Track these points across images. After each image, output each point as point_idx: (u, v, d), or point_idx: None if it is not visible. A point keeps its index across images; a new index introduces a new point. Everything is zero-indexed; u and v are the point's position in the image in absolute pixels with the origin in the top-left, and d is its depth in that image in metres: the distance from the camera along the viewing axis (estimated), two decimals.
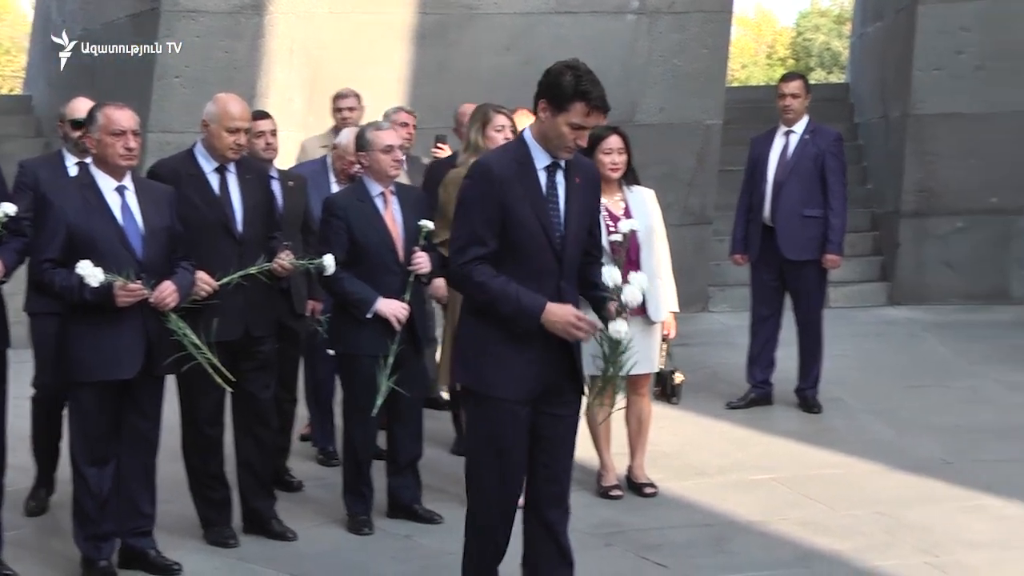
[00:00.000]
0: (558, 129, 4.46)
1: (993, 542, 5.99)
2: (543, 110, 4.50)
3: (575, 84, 4.42)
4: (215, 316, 5.63)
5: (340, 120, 8.06)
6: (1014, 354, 9.63)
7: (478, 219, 4.45)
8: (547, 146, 4.52)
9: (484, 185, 4.46)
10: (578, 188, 4.59)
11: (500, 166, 4.48)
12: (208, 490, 6.00)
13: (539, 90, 4.53)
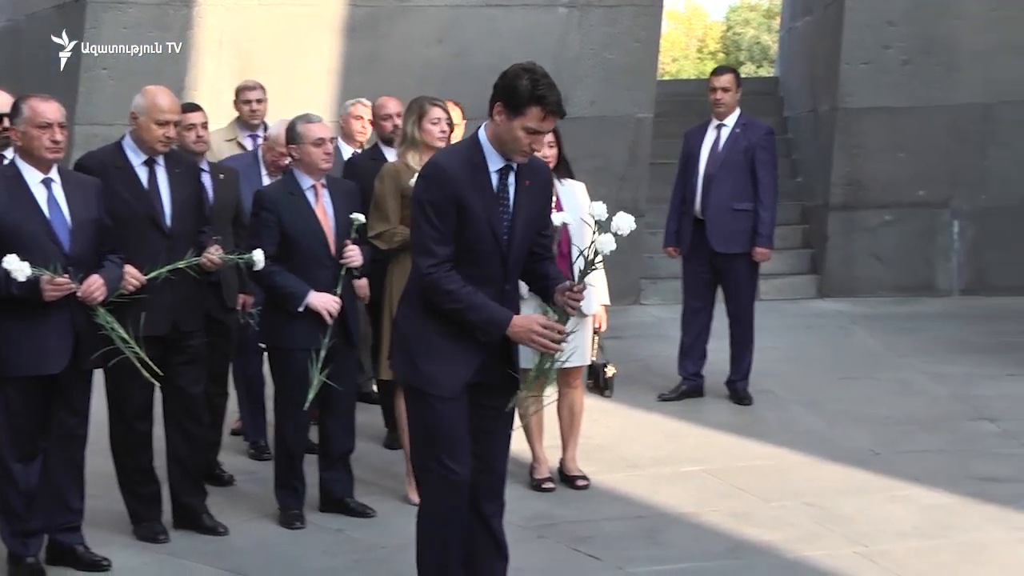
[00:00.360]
0: (513, 133, 4.43)
1: (919, 532, 6.07)
2: (498, 113, 4.45)
3: (532, 88, 4.38)
4: (143, 310, 5.58)
5: (249, 112, 8.03)
6: (941, 346, 9.76)
7: (439, 222, 4.44)
8: (501, 149, 4.49)
9: (440, 187, 4.43)
10: (528, 191, 4.58)
11: (453, 167, 4.46)
12: (137, 485, 5.95)
13: (495, 92, 4.49)
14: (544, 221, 4.73)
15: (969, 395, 8.41)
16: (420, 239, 4.48)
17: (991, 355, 9.44)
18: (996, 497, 6.50)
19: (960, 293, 11.55)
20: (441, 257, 4.44)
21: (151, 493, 5.97)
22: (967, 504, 6.43)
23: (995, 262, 11.54)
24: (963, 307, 11.13)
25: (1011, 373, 8.94)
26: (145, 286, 5.63)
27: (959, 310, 11.02)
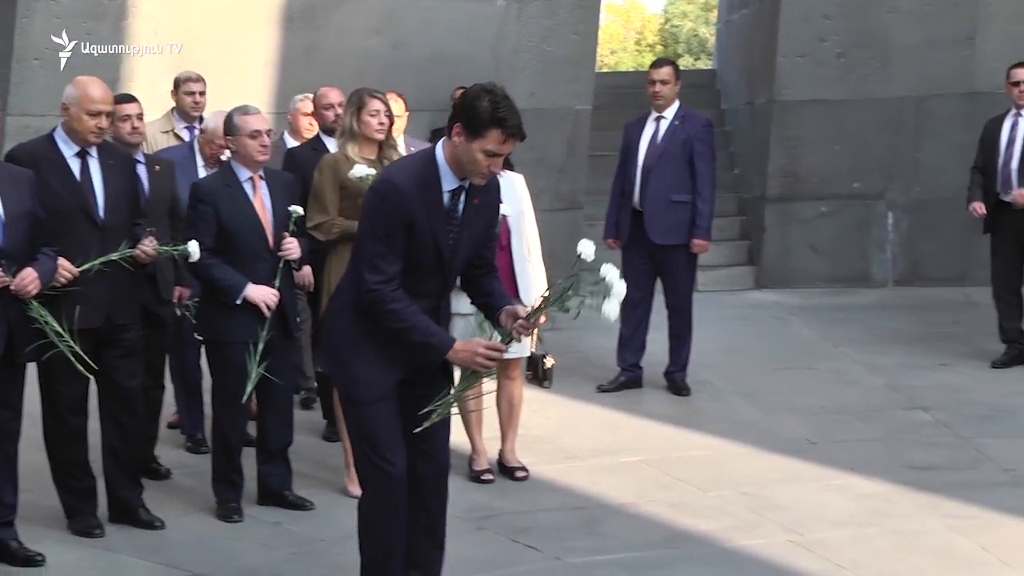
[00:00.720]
0: (472, 155, 4.38)
1: (855, 520, 6.14)
2: (457, 134, 4.40)
3: (492, 110, 4.32)
4: (77, 303, 5.53)
5: (192, 104, 7.96)
6: (875, 336, 9.86)
7: (387, 239, 4.40)
8: (458, 170, 4.45)
9: (392, 205, 4.39)
10: (475, 209, 4.56)
11: (407, 185, 4.41)
12: (72, 479, 5.89)
13: (454, 112, 4.44)
14: (489, 234, 4.71)
15: (903, 385, 8.50)
16: (368, 255, 4.43)
17: (925, 345, 9.55)
18: (929, 485, 6.58)
19: (895, 284, 11.67)
20: (388, 275, 4.41)
21: (86, 487, 5.91)
22: (901, 492, 6.50)
23: (929, 253, 11.67)
24: (897, 298, 11.25)
25: (944, 363, 9.05)
26: (78, 278, 5.58)
27: (894, 301, 11.14)
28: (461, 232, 4.52)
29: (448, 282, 4.61)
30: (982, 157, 8.98)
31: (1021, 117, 8.85)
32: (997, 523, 6.08)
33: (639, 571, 5.54)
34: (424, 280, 4.51)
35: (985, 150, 8.98)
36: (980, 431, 7.51)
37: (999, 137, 8.87)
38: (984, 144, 9.01)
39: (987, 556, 5.68)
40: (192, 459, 7.02)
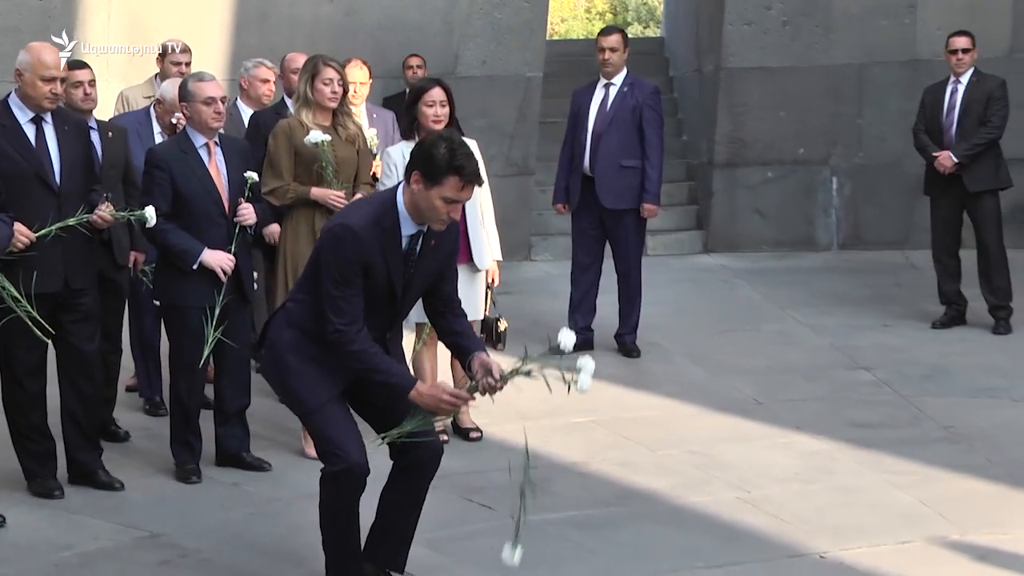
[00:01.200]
0: (431, 202, 4.41)
1: (799, 477, 6.21)
2: (416, 181, 4.42)
3: (449, 158, 4.37)
4: (34, 268, 5.49)
5: (177, 74, 7.85)
6: (820, 298, 9.94)
7: (346, 281, 4.41)
8: (417, 216, 4.48)
9: (347, 246, 4.39)
10: (432, 249, 4.60)
11: (363, 228, 4.40)
12: (30, 443, 5.86)
13: (411, 160, 4.46)
14: (445, 272, 4.73)
15: (846, 345, 8.58)
16: (330, 296, 4.44)
17: (867, 307, 9.64)
18: (871, 442, 6.67)
19: (838, 248, 11.74)
20: (351, 316, 4.43)
21: (45, 450, 5.89)
22: (844, 450, 6.58)
23: (871, 218, 11.74)
24: (841, 261, 11.32)
25: (886, 324, 9.14)
26: (35, 244, 5.53)
27: (837, 264, 11.21)
28: (415, 272, 4.57)
29: (398, 318, 4.68)
30: (923, 122, 9.05)
31: (960, 84, 8.92)
32: (935, 478, 6.17)
33: (590, 529, 5.59)
34: (375, 314, 4.54)
35: (926, 116, 9.04)
36: (920, 390, 7.60)
37: (940, 103, 8.93)
38: (924, 109, 9.07)
39: (925, 510, 5.77)
40: (150, 422, 7.00)
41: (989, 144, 8.77)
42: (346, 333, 4.43)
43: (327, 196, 6.40)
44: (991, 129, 8.77)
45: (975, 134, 8.76)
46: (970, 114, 8.81)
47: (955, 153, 8.72)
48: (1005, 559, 5.25)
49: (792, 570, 5.17)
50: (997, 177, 8.87)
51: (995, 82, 8.91)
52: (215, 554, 5.27)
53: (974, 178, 8.78)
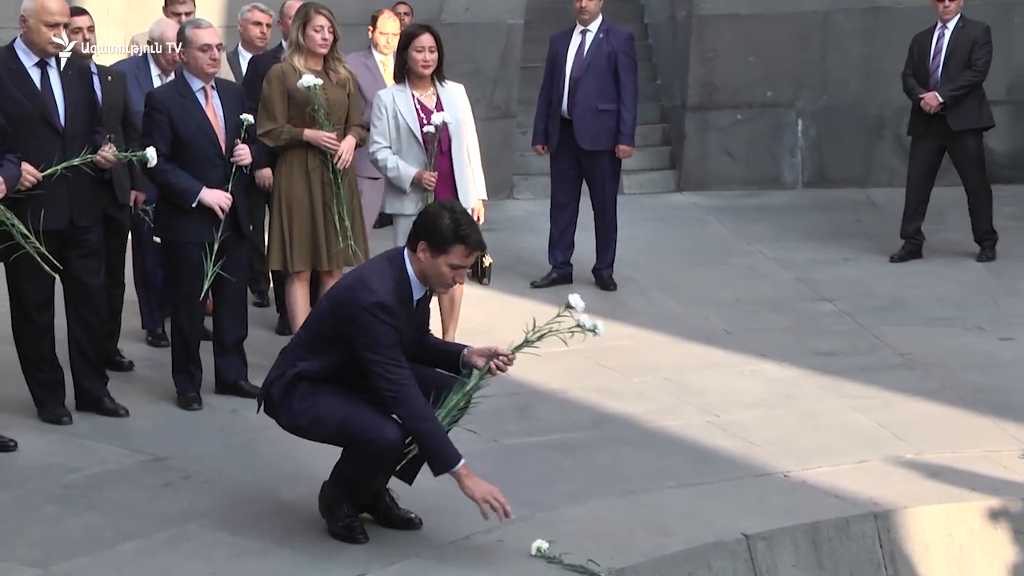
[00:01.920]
0: (438, 269, 4.48)
1: (765, 402, 6.24)
2: (423, 251, 4.47)
3: (455, 228, 4.43)
4: (41, 206, 5.47)
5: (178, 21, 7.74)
6: (785, 234, 9.93)
7: (392, 347, 4.41)
8: (426, 282, 4.55)
9: (391, 321, 4.40)
10: (424, 300, 4.65)
11: (396, 305, 4.44)
12: (40, 372, 5.85)
13: (417, 231, 4.51)
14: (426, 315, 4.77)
15: (810, 278, 8.60)
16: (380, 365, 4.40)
17: (830, 242, 9.64)
18: (832, 369, 6.70)
19: (803, 186, 11.71)
20: (403, 375, 4.43)
21: (54, 379, 5.88)
22: (807, 376, 6.62)
23: (834, 157, 11.71)
24: (805, 199, 11.30)
25: (847, 258, 9.15)
26: (41, 183, 5.50)
27: (802, 202, 11.20)
28: (420, 323, 4.65)
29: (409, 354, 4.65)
30: (911, 66, 9.06)
31: (947, 30, 8.92)
32: (892, 402, 6.22)
33: (568, 451, 5.62)
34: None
35: (914, 60, 9.05)
36: (878, 320, 7.63)
37: (928, 48, 8.94)
38: (912, 54, 9.09)
39: (883, 432, 5.81)
40: (153, 352, 6.98)
41: (973, 87, 8.81)
42: (411, 397, 4.42)
43: (319, 137, 6.37)
44: (975, 73, 8.79)
45: (960, 77, 8.77)
46: (955, 58, 8.82)
47: (940, 94, 8.74)
48: (955, 476, 5.31)
49: (758, 488, 5.21)
50: (980, 117, 8.91)
51: (979, 28, 8.93)
52: (215, 476, 5.29)
53: (957, 118, 8.82)
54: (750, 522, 4.86)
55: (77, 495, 5.09)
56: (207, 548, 4.61)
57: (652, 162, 11.93)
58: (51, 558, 4.51)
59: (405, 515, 4.74)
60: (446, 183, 6.60)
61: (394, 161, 6.52)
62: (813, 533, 4.87)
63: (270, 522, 4.83)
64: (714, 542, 4.71)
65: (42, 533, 4.73)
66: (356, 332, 4.42)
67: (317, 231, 6.44)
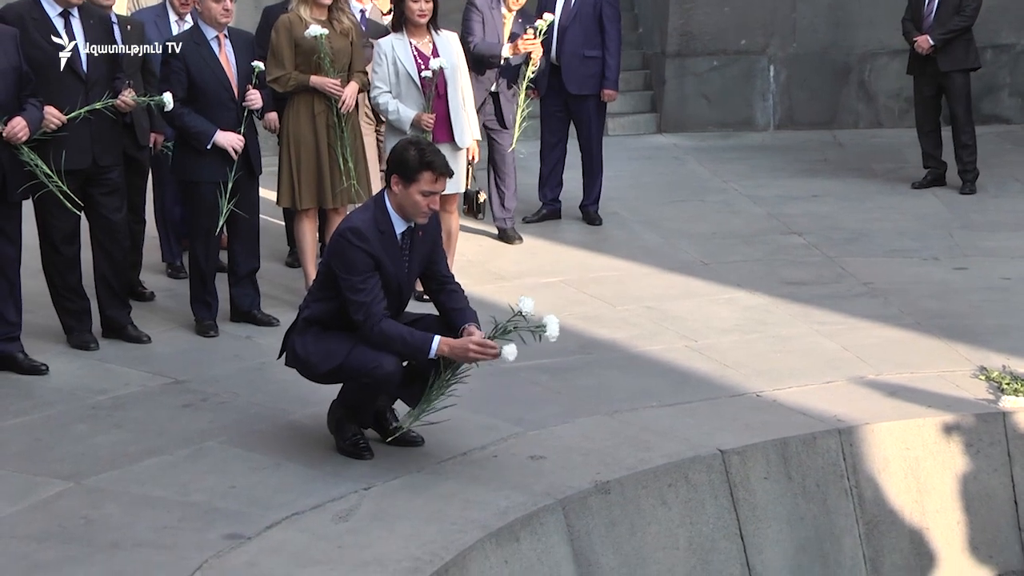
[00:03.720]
0: (412, 198, 4.44)
1: (739, 328, 6.23)
2: (396, 184, 4.46)
3: (420, 157, 4.42)
4: (65, 147, 5.43)
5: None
6: (758, 172, 9.88)
7: (362, 271, 4.39)
8: (404, 214, 4.49)
9: (360, 245, 4.38)
10: (420, 240, 4.59)
11: (370, 232, 4.41)
12: (68, 301, 5.83)
13: (388, 167, 4.50)
14: (433, 255, 4.67)
15: (781, 213, 8.55)
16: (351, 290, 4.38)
17: (799, 180, 9.59)
18: (801, 297, 6.68)
19: (774, 128, 11.63)
20: (377, 311, 4.39)
21: (81, 308, 5.85)
22: (778, 304, 6.60)
23: (802, 101, 11.64)
24: (777, 140, 11.24)
25: (815, 194, 9.10)
26: (66, 125, 5.45)
27: (773, 142, 11.13)
28: (412, 262, 4.57)
29: (404, 301, 4.62)
30: (909, 12, 9.13)
31: None
32: (856, 327, 6.21)
33: (557, 373, 5.60)
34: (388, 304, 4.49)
35: (911, 6, 9.13)
36: (843, 251, 7.60)
37: None
38: (911, 1, 9.14)
39: (847, 354, 5.81)
40: (172, 283, 6.94)
41: (962, 31, 8.88)
42: (376, 325, 4.37)
43: (325, 83, 6.29)
44: (964, 18, 8.88)
45: (950, 21, 8.84)
46: (946, 5, 8.89)
47: (932, 37, 8.84)
48: (912, 394, 5.31)
49: (733, 407, 5.20)
50: (967, 58, 8.98)
51: None
52: (231, 397, 5.27)
53: (946, 59, 8.90)
54: (725, 438, 4.86)
55: (104, 415, 5.08)
56: (224, 463, 4.61)
57: (634, 106, 11.83)
58: (81, 472, 4.51)
59: (407, 434, 4.73)
60: (443, 124, 6.53)
61: (394, 105, 6.45)
62: (782, 448, 4.87)
63: (282, 439, 4.82)
64: (692, 456, 4.71)
65: (72, 450, 4.72)
66: (334, 261, 4.44)
67: (322, 171, 6.37)
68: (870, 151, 10.57)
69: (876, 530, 4.98)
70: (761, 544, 4.76)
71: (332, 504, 4.27)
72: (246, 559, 3.91)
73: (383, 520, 4.16)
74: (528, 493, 4.36)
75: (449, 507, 4.25)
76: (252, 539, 4.02)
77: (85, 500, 4.30)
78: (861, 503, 4.96)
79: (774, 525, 4.80)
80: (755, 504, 4.77)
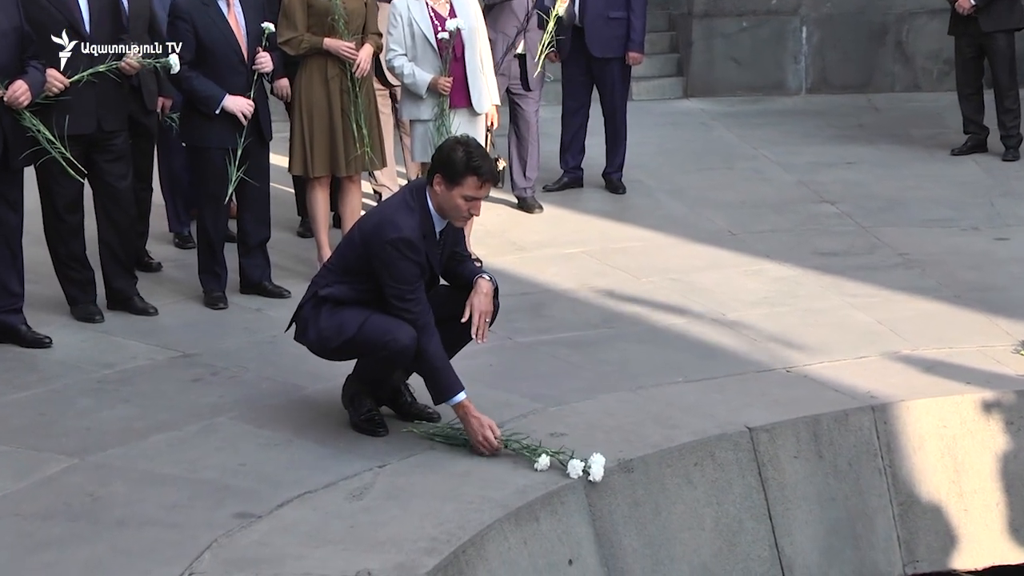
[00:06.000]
0: (453, 201, 4.42)
1: (769, 300, 6.20)
2: (438, 183, 4.42)
3: (467, 161, 4.38)
4: (68, 112, 5.43)
5: None
6: (789, 138, 9.82)
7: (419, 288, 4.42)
8: (444, 215, 4.49)
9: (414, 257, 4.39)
10: (451, 229, 4.59)
11: (419, 241, 4.41)
12: (72, 271, 5.84)
13: (433, 165, 4.49)
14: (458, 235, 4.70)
15: (813, 181, 8.50)
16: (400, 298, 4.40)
17: (832, 146, 9.53)
18: (833, 269, 6.65)
19: (806, 92, 11.57)
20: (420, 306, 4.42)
21: (85, 279, 5.87)
22: (809, 275, 6.57)
23: (836, 63, 11.57)
24: (808, 104, 11.17)
25: (849, 161, 9.05)
26: (68, 89, 5.44)
27: (805, 107, 11.07)
28: (444, 250, 4.58)
29: (433, 283, 4.61)
30: None
31: None
32: (890, 300, 6.18)
33: (578, 347, 5.60)
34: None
35: None
36: (878, 221, 7.56)
37: None
38: None
39: (881, 328, 5.78)
40: (180, 254, 6.96)
41: None
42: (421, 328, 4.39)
43: (339, 46, 6.27)
44: None
45: None
46: None
47: None
48: (950, 370, 5.28)
49: (761, 383, 5.19)
50: (1011, 18, 8.89)
51: None
52: (241, 371, 5.29)
53: (989, 19, 8.81)
54: (753, 415, 4.84)
55: (110, 389, 5.10)
56: (234, 439, 4.62)
57: (660, 69, 11.77)
58: (87, 449, 4.53)
59: (423, 410, 4.73)
60: (460, 88, 6.50)
61: (410, 68, 6.42)
62: (813, 425, 4.85)
63: (294, 415, 4.83)
64: (719, 434, 4.70)
65: (78, 425, 4.75)
66: (381, 266, 4.42)
67: (336, 137, 6.36)
68: (907, 116, 10.49)
69: (911, 511, 4.96)
70: (790, 525, 4.75)
71: (345, 482, 4.27)
72: (256, 538, 3.92)
73: (398, 499, 4.16)
74: (548, 472, 4.35)
75: (466, 485, 4.25)
76: (263, 518, 4.03)
77: (91, 477, 4.32)
78: (895, 483, 4.94)
79: (804, 505, 4.78)
80: (784, 483, 4.75)
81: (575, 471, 4.31)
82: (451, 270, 4.68)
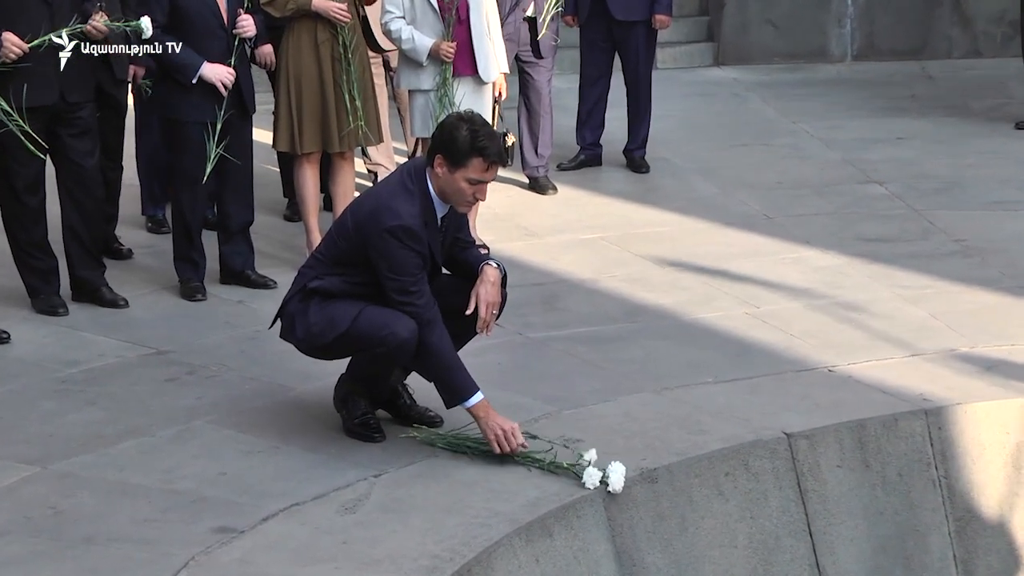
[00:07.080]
0: (456, 185, 4.39)
1: (808, 292, 6.21)
2: (440, 165, 4.39)
3: (472, 140, 4.33)
4: (26, 81, 5.43)
5: None
6: (832, 111, 9.83)
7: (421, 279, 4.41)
8: (446, 200, 4.47)
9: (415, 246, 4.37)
10: (453, 213, 4.57)
11: (420, 229, 4.39)
12: (32, 259, 5.87)
13: (434, 145, 4.44)
14: (461, 220, 4.67)
15: (859, 159, 8.51)
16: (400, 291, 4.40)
17: (881, 119, 9.54)
18: (881, 257, 6.66)
19: (852, 59, 11.58)
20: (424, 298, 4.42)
21: (47, 267, 5.89)
22: (854, 265, 6.58)
23: (886, 27, 11.55)
24: (855, 72, 11.18)
25: (900, 136, 9.05)
26: (27, 55, 5.45)
27: (851, 76, 11.07)
28: (446, 236, 4.57)
29: (435, 273, 4.61)
30: None
31: None
32: (947, 291, 6.18)
33: (597, 344, 5.61)
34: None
35: None
36: (932, 203, 7.56)
37: None
38: None
39: (935, 323, 5.78)
40: (153, 239, 6.98)
41: None
42: (424, 322, 4.40)
43: (329, 8, 6.26)
44: None
45: None
46: None
47: None
48: (1012, 370, 5.28)
49: (800, 384, 5.19)
50: None
51: None
52: (222, 371, 5.31)
53: None
54: (791, 419, 4.85)
55: (76, 390, 5.12)
56: (214, 446, 4.64)
57: (688, 34, 11.78)
58: (49, 456, 4.55)
59: (424, 413, 4.75)
60: (465, 55, 6.50)
61: (409, 32, 6.43)
62: (859, 431, 4.86)
63: (281, 419, 4.85)
64: (752, 440, 4.71)
65: (39, 430, 4.77)
66: (378, 257, 4.42)
67: (327, 109, 6.36)
68: (966, 85, 10.49)
69: (968, 527, 4.97)
70: (833, 542, 4.76)
71: (337, 493, 4.29)
72: (238, 556, 3.94)
73: (396, 512, 4.18)
74: (562, 482, 4.36)
75: (472, 497, 4.27)
76: (245, 533, 4.05)
77: (54, 487, 4.34)
78: (951, 496, 4.95)
79: (848, 521, 4.79)
80: (826, 496, 4.76)
81: (592, 481, 4.33)
82: (453, 257, 4.68)
